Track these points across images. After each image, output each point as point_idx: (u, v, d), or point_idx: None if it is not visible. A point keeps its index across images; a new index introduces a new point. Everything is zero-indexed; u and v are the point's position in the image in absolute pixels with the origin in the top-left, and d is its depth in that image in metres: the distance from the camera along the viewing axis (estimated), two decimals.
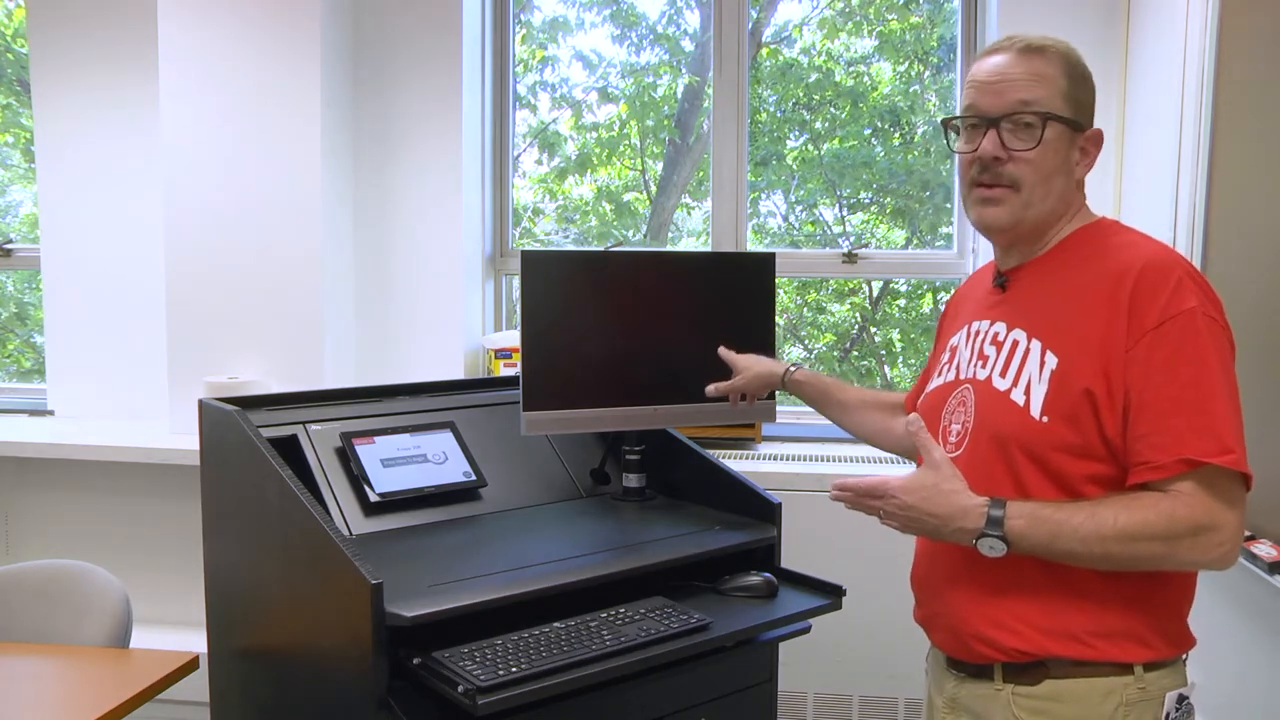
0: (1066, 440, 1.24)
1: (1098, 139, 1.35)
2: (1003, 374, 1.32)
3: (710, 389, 1.89)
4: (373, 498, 1.83)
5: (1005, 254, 1.42)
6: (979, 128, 1.34)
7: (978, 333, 1.40)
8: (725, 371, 2.14)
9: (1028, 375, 1.28)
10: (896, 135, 3.37)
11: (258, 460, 1.67)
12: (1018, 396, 1.28)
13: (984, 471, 1.29)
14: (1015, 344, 1.32)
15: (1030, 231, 1.35)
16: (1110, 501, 1.21)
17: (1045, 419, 1.25)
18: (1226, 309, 1.75)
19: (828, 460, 2.78)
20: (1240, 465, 1.18)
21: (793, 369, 1.84)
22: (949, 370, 1.45)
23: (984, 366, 1.36)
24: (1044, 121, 1.30)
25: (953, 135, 1.40)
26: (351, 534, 1.79)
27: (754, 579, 1.80)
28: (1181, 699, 1.27)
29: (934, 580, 1.40)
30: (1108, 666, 1.25)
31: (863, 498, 1.33)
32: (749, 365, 1.89)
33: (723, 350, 1.92)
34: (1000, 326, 1.36)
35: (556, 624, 1.58)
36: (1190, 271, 1.24)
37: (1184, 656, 1.31)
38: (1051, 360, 1.26)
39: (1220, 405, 1.20)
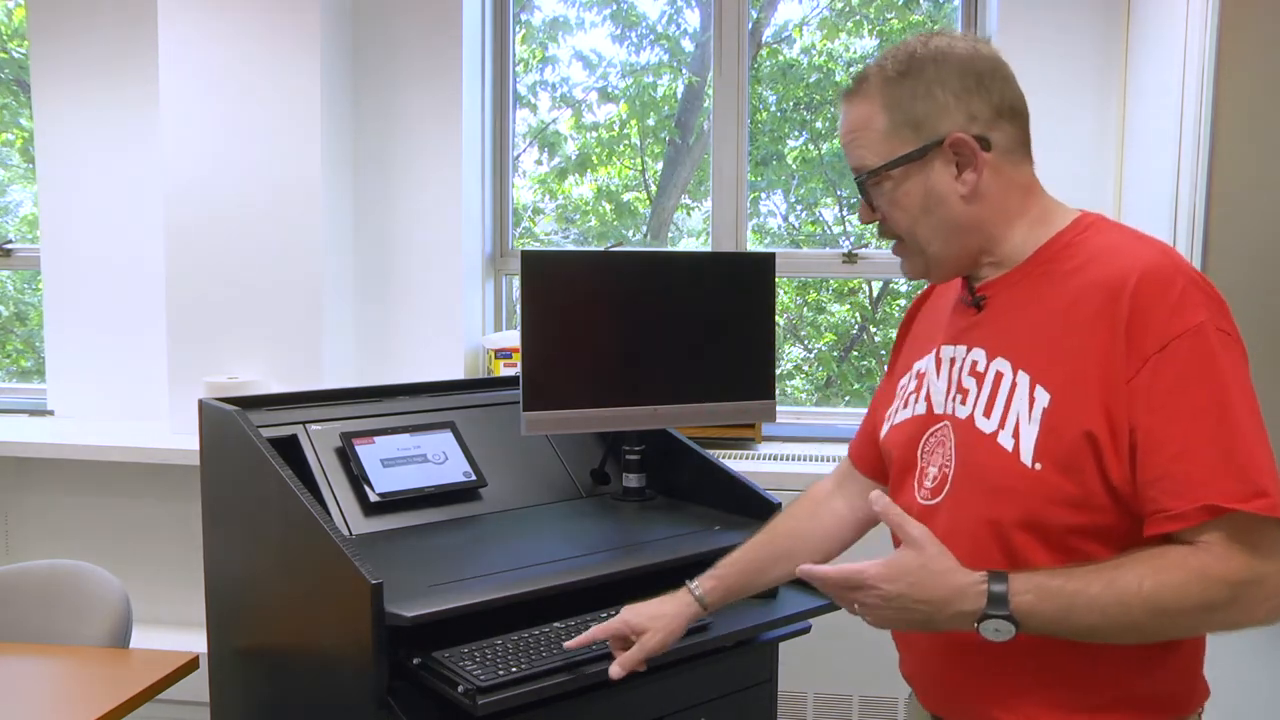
0: (1063, 490, 1.06)
1: (960, 142, 1.14)
2: (987, 413, 1.13)
3: (617, 669, 1.40)
4: (373, 498, 1.83)
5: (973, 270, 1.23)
6: None
7: (953, 360, 1.21)
8: (723, 370, 2.14)
9: (1015, 414, 1.10)
10: None
11: (258, 460, 1.67)
12: (1005, 440, 1.10)
13: (969, 526, 1.13)
14: (999, 376, 1.14)
15: (954, 265, 1.20)
16: (1130, 562, 1.03)
17: (1038, 466, 1.07)
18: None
19: (828, 460, 2.78)
20: (1277, 510, 0.99)
21: (694, 588, 1.42)
22: (918, 402, 1.26)
23: (964, 402, 1.17)
24: (879, 178, 1.17)
25: None
26: (351, 534, 1.79)
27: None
28: None
29: (920, 646, 1.24)
30: None
31: (836, 590, 1.13)
32: (649, 620, 1.40)
33: (600, 629, 1.44)
34: (979, 354, 1.18)
35: (556, 624, 1.58)
36: (1193, 278, 1.07)
37: (1199, 714, 1.17)
38: (1042, 396, 1.08)
39: (1245, 437, 1.01)
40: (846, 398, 3.68)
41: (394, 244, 3.04)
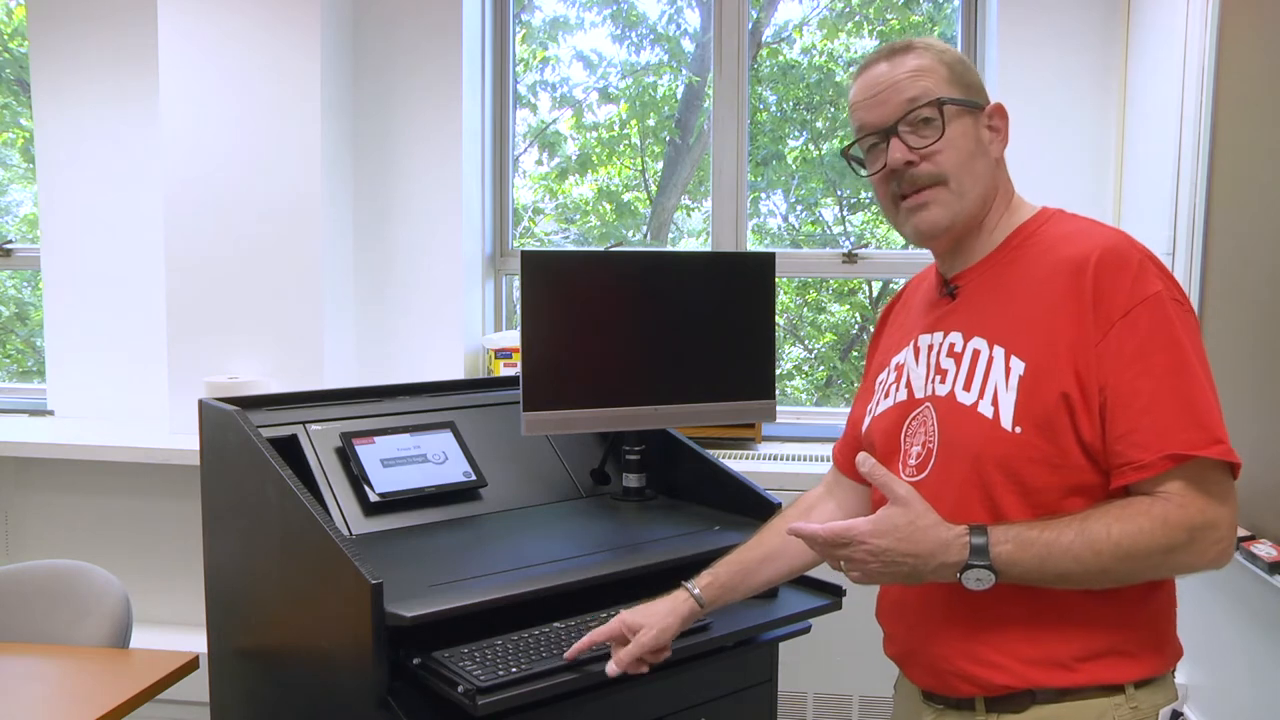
0: (1042, 450, 1.15)
1: (1002, 111, 1.27)
2: (966, 386, 1.22)
3: (613, 667, 1.43)
4: (373, 498, 1.83)
5: (948, 259, 1.32)
6: (879, 145, 1.27)
7: (930, 346, 1.29)
8: (723, 370, 2.13)
9: (993, 384, 1.19)
10: None
11: (258, 460, 1.67)
12: (985, 409, 1.19)
13: (954, 494, 1.20)
14: (976, 353, 1.22)
15: (968, 224, 1.27)
16: (1098, 514, 1.13)
17: (1018, 430, 1.16)
18: (1227, 309, 1.73)
19: (828, 460, 2.77)
20: (1231, 455, 1.11)
21: (691, 586, 1.44)
22: (898, 391, 1.32)
23: (944, 381, 1.25)
24: (940, 109, 1.22)
25: (859, 167, 1.32)
26: (351, 534, 1.79)
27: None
28: (1175, 716, 1.20)
29: (908, 617, 1.30)
30: (1096, 689, 1.18)
31: (825, 547, 1.19)
32: (642, 618, 1.42)
33: (599, 633, 1.46)
34: (956, 336, 1.26)
35: (556, 624, 1.58)
36: (1148, 254, 1.18)
37: (1172, 670, 1.24)
38: (1018, 366, 1.17)
39: (1202, 393, 1.12)
40: (846, 397, 3.68)
41: (394, 244, 3.04)
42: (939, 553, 1.14)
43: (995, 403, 1.18)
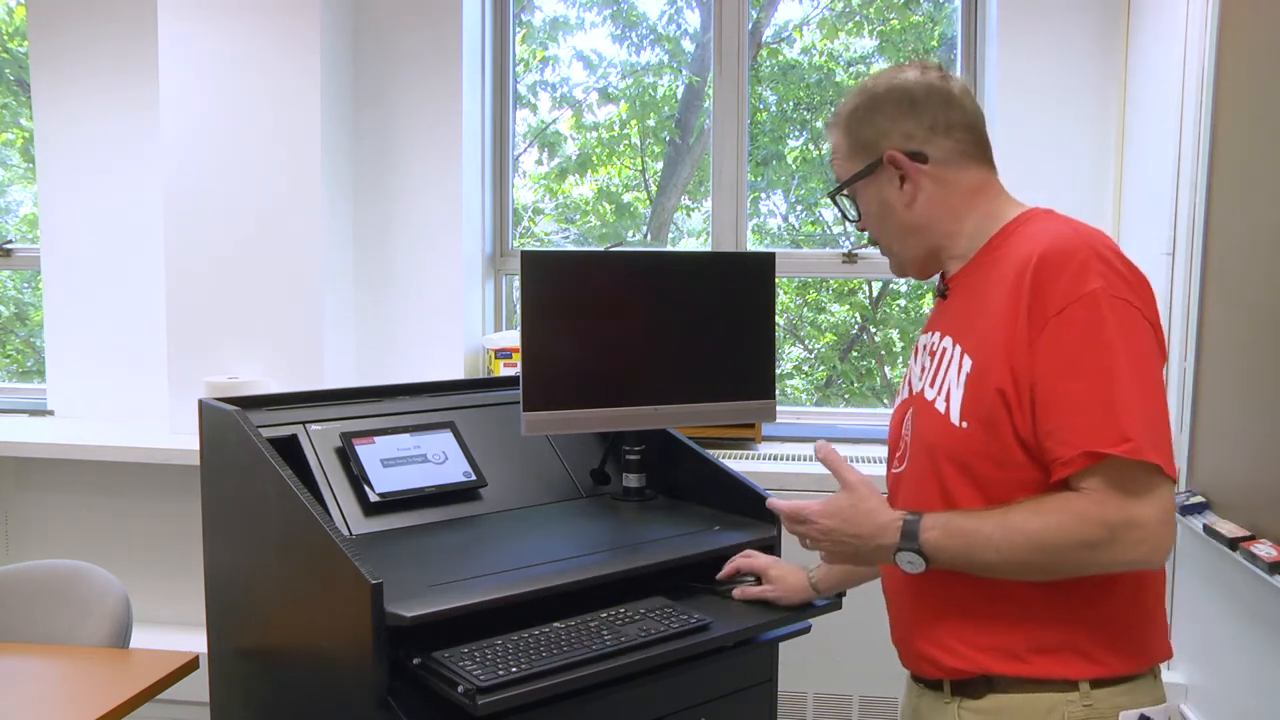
0: (987, 446, 1.20)
1: (895, 160, 1.31)
2: (932, 384, 1.30)
3: (739, 593, 1.76)
4: (373, 498, 1.83)
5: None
6: None
7: (924, 346, 1.38)
8: (723, 370, 2.13)
9: (949, 382, 1.26)
10: None
11: (258, 460, 1.67)
12: (940, 405, 1.26)
13: (919, 486, 1.29)
14: (944, 351, 1.30)
15: (924, 261, 1.37)
16: (1020, 506, 1.17)
17: (964, 425, 1.22)
18: (1227, 309, 1.73)
19: None
20: (1140, 454, 1.10)
21: (812, 573, 1.71)
22: (904, 388, 1.43)
23: (921, 378, 1.34)
24: (847, 194, 1.39)
25: None
26: (351, 534, 1.79)
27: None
28: None
29: (894, 602, 1.39)
30: (1050, 683, 1.20)
31: (789, 522, 1.34)
32: (781, 576, 1.74)
33: (745, 559, 1.80)
34: (937, 336, 1.34)
35: (556, 624, 1.58)
36: (1100, 252, 1.18)
37: (1153, 672, 1.24)
38: (967, 363, 1.24)
39: (1122, 392, 1.13)
40: (846, 398, 3.68)
41: (394, 244, 3.04)
42: (878, 535, 1.24)
43: (948, 399, 1.25)
